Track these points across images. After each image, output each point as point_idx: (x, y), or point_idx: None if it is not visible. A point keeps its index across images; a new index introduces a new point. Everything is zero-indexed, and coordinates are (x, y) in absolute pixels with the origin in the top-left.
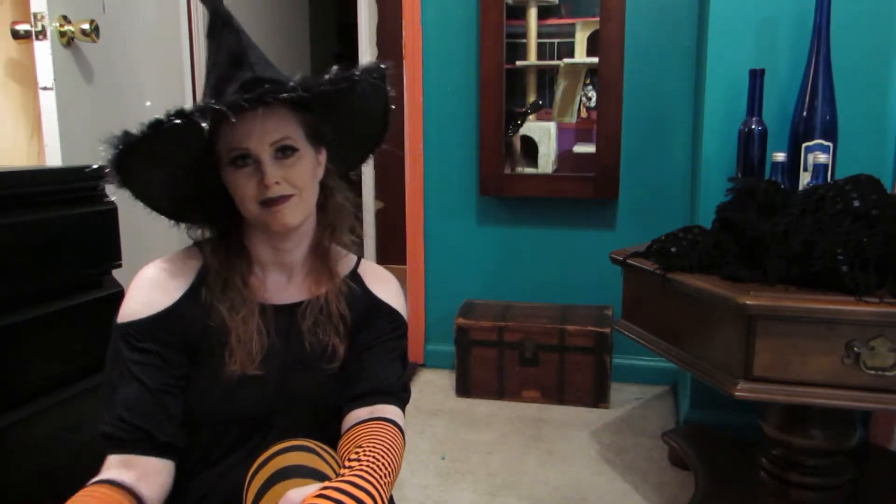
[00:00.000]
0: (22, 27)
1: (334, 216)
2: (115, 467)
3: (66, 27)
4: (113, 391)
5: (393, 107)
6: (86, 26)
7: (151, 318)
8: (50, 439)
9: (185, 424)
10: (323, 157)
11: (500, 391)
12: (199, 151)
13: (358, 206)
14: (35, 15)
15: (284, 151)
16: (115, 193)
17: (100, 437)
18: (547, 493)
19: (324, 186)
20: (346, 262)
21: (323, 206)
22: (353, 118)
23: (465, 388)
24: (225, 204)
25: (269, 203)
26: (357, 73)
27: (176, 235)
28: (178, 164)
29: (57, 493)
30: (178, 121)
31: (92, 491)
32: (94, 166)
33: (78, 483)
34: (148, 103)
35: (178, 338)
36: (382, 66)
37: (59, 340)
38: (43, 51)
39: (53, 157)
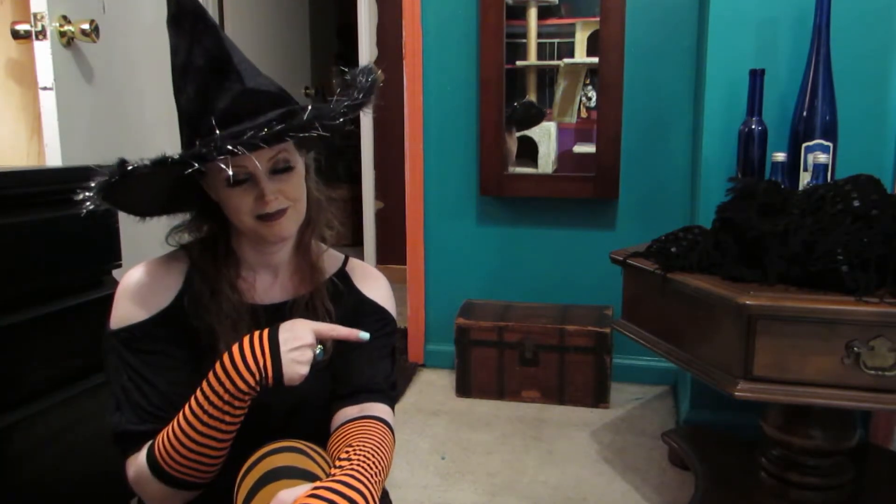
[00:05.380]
0: (22, 27)
1: (314, 212)
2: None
3: (66, 27)
4: (127, 396)
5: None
6: (86, 26)
7: (149, 321)
8: (50, 439)
9: None
10: (307, 158)
11: (500, 391)
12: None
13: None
14: (35, 15)
15: (280, 167)
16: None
17: (116, 438)
18: (547, 493)
19: None
20: (332, 261)
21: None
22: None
23: (465, 388)
24: (210, 207)
25: (267, 217)
26: (361, 97)
27: None
28: (165, 182)
29: (57, 493)
30: (193, 163)
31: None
32: (81, 188)
33: (79, 483)
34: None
35: (179, 336)
36: (379, 83)
37: (59, 340)
38: (43, 51)
39: (53, 157)
